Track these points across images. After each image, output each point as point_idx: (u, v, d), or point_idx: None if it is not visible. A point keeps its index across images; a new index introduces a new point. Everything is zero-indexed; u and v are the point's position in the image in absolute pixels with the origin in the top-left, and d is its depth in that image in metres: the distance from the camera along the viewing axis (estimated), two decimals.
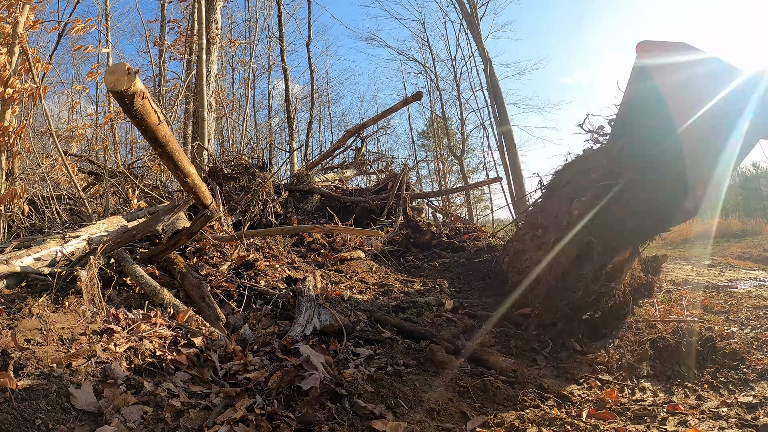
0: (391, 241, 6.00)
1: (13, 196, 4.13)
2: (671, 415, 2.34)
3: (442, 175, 25.15)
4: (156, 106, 2.16)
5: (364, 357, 2.80)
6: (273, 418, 1.94)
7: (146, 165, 7.95)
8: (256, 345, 2.86)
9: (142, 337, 2.44)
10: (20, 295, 2.81)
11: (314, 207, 7.06)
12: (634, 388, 2.77)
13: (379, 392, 2.31)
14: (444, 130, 23.61)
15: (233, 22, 17.24)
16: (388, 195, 7.02)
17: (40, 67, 4.90)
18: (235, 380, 2.31)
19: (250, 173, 6.07)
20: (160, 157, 2.57)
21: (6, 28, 4.44)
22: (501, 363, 2.92)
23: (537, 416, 2.22)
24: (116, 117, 7.75)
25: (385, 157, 11.21)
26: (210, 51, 8.45)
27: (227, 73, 18.12)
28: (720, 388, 2.59)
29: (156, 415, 1.90)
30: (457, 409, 2.29)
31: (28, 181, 5.26)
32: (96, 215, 5.12)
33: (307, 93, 20.42)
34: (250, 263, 4.07)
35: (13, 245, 3.61)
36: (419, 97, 8.81)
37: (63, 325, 2.43)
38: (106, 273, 3.16)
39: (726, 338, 3.18)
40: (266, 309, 3.38)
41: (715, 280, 6.31)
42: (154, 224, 3.78)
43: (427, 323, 3.63)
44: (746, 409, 2.29)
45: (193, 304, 3.14)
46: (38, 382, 1.87)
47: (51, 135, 5.16)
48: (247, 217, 5.16)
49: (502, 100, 15.33)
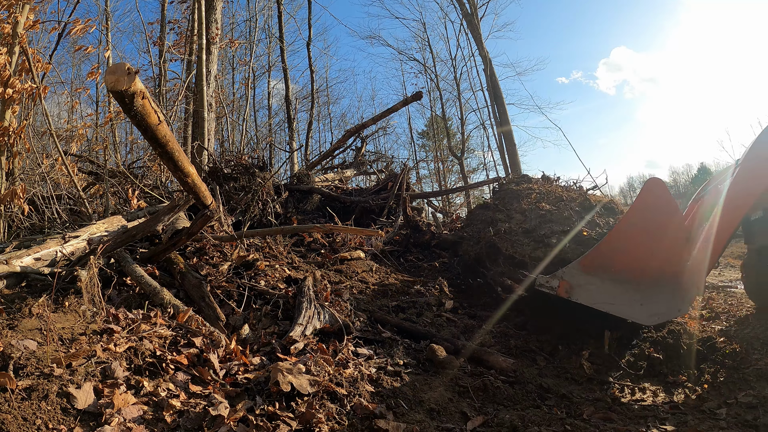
0: (391, 241, 6.00)
1: (13, 196, 4.13)
2: (671, 415, 2.34)
3: (442, 175, 25.17)
4: (156, 106, 2.16)
5: (364, 357, 2.80)
6: (273, 418, 1.94)
7: (146, 165, 7.94)
8: (256, 345, 2.86)
9: (142, 337, 2.44)
10: (20, 295, 2.81)
11: (314, 207, 7.06)
12: (634, 388, 2.77)
13: (379, 392, 2.31)
14: (444, 130, 23.61)
15: (234, 23, 17.26)
16: (388, 195, 7.02)
17: (40, 67, 4.90)
18: (235, 380, 2.31)
19: (250, 173, 6.07)
20: (160, 157, 2.57)
21: (6, 28, 4.44)
22: (501, 363, 2.92)
23: (537, 416, 2.22)
24: (116, 117, 7.75)
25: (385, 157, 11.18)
26: (210, 51, 8.44)
27: (227, 73, 18.13)
28: (720, 388, 2.59)
29: (156, 415, 1.90)
30: (457, 409, 2.29)
31: (28, 181, 5.26)
32: (96, 215, 5.12)
33: (306, 93, 20.44)
34: (250, 263, 4.07)
35: (13, 245, 3.61)
36: (419, 97, 8.81)
37: (63, 325, 2.43)
38: (106, 273, 3.16)
39: (726, 338, 3.18)
40: (266, 309, 3.38)
41: (715, 280, 6.31)
42: (154, 224, 3.78)
43: (427, 323, 3.63)
44: (746, 409, 2.29)
45: (193, 304, 3.14)
46: (38, 382, 1.87)
47: (51, 135, 5.16)
48: (247, 217, 5.16)
49: (502, 100, 15.34)
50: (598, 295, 3.22)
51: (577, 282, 3.26)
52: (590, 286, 3.24)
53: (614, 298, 3.21)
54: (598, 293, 3.22)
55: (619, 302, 3.19)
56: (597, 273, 3.26)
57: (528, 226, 4.74)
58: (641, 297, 3.20)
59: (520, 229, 4.76)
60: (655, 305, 3.18)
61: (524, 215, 4.97)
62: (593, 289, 3.23)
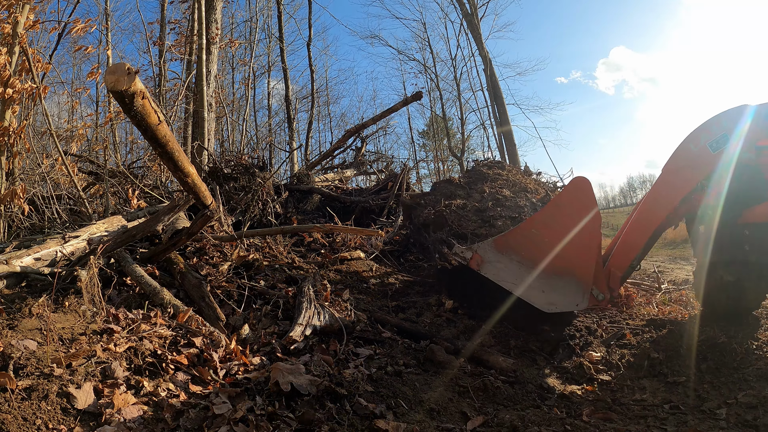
0: (391, 241, 6.00)
1: (13, 196, 4.13)
2: (671, 415, 2.34)
3: (442, 175, 25.15)
4: (156, 106, 2.16)
5: (364, 357, 2.80)
6: (273, 418, 1.94)
7: (146, 165, 7.94)
8: (256, 345, 2.86)
9: (142, 337, 2.44)
10: (20, 295, 2.81)
11: (314, 207, 7.06)
12: (634, 387, 2.77)
13: (380, 392, 2.31)
14: (444, 130, 23.61)
15: (233, 22, 17.25)
16: (388, 195, 7.02)
17: (40, 67, 4.90)
18: (235, 380, 2.30)
19: (250, 173, 6.07)
20: (160, 157, 2.57)
21: (6, 28, 4.44)
22: (501, 363, 2.92)
23: (537, 416, 2.22)
24: (116, 117, 7.74)
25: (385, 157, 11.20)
26: (210, 51, 8.44)
27: (227, 73, 18.12)
28: (720, 388, 2.59)
29: (156, 415, 1.90)
30: (457, 409, 2.29)
31: (28, 181, 5.26)
32: (96, 215, 5.12)
33: (306, 93, 20.43)
34: (250, 263, 4.07)
35: (13, 245, 3.61)
36: (419, 97, 8.81)
37: (63, 325, 2.43)
38: (106, 273, 3.16)
39: (726, 338, 3.17)
40: (266, 309, 3.38)
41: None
42: (154, 224, 3.78)
43: (427, 323, 3.63)
44: (746, 409, 2.28)
45: (193, 304, 3.14)
46: (38, 382, 1.87)
47: (51, 135, 5.16)
48: (247, 217, 5.16)
49: (502, 100, 15.35)
50: (504, 273, 3.46)
51: (488, 258, 3.50)
52: (499, 264, 3.48)
53: (518, 280, 3.41)
54: (505, 272, 3.46)
55: (521, 284, 3.38)
56: (508, 253, 3.49)
57: (481, 206, 5.01)
58: (544, 285, 3.39)
59: (473, 207, 5.02)
60: (555, 295, 3.36)
61: (482, 196, 5.25)
62: (501, 267, 3.47)
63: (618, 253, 3.39)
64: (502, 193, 5.21)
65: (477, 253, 3.52)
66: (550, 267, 3.42)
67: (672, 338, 3.18)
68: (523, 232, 3.54)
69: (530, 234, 3.49)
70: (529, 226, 3.55)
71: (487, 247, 3.54)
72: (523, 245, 3.49)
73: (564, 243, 3.39)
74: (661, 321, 3.51)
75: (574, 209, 3.40)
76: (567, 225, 3.39)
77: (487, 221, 4.74)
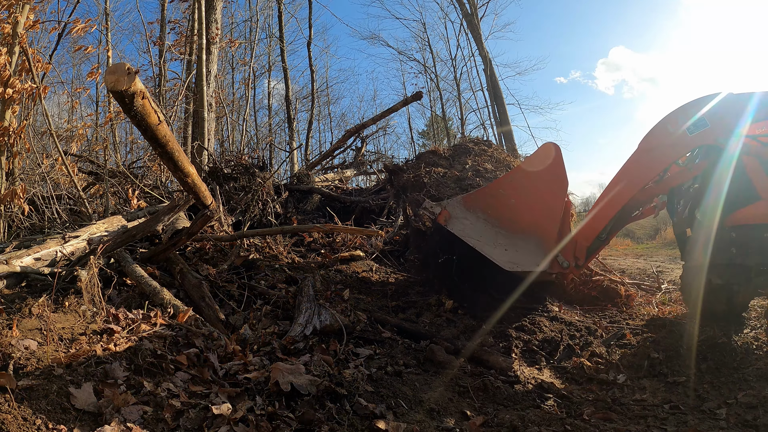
0: (391, 241, 6.00)
1: (13, 196, 4.13)
2: (671, 415, 2.34)
3: None
4: (156, 106, 2.16)
5: (365, 357, 2.80)
6: (273, 418, 1.94)
7: (146, 165, 7.94)
8: (256, 345, 2.86)
9: (142, 337, 2.44)
10: (20, 295, 2.81)
11: (314, 207, 7.06)
12: (634, 387, 2.77)
13: (380, 392, 2.31)
14: (444, 131, 23.62)
15: (234, 22, 17.26)
16: (388, 195, 7.01)
17: (40, 67, 4.89)
18: (235, 380, 2.30)
19: (250, 173, 6.07)
20: (160, 157, 2.57)
21: (6, 28, 4.44)
22: (501, 363, 2.92)
23: (537, 416, 2.22)
24: (116, 117, 7.74)
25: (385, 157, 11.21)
26: (210, 51, 8.44)
27: (227, 73, 18.11)
28: (720, 388, 2.59)
29: (156, 415, 1.90)
30: (458, 409, 2.29)
31: (28, 181, 5.26)
32: (96, 215, 5.12)
33: (307, 93, 20.44)
34: (250, 263, 4.07)
35: (13, 245, 3.61)
36: (419, 97, 8.82)
37: (63, 325, 2.43)
38: (106, 273, 3.16)
39: (726, 338, 3.17)
40: (266, 309, 3.38)
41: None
42: (154, 224, 3.78)
43: (427, 323, 3.63)
44: (746, 409, 2.28)
45: (193, 304, 3.14)
46: (38, 382, 1.86)
47: (51, 135, 5.16)
48: (247, 217, 5.17)
49: (502, 100, 15.34)
50: (469, 230, 3.52)
51: (455, 214, 3.59)
52: (465, 221, 3.55)
53: (482, 237, 3.47)
54: (471, 229, 3.52)
55: (485, 241, 3.44)
56: (475, 211, 3.58)
57: (461, 176, 5.19)
58: (507, 243, 3.45)
59: (453, 176, 5.20)
60: (517, 255, 3.41)
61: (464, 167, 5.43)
62: (467, 224, 3.54)
63: (586, 224, 3.45)
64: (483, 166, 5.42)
65: (446, 209, 3.61)
66: (515, 227, 3.50)
67: (672, 338, 3.18)
68: (492, 191, 3.63)
69: (498, 194, 3.59)
70: (497, 186, 3.64)
71: (456, 204, 3.62)
72: (490, 204, 3.58)
73: (529, 204, 3.48)
74: (661, 321, 3.51)
75: (542, 173, 3.48)
76: (533, 188, 3.47)
77: (465, 189, 4.88)
